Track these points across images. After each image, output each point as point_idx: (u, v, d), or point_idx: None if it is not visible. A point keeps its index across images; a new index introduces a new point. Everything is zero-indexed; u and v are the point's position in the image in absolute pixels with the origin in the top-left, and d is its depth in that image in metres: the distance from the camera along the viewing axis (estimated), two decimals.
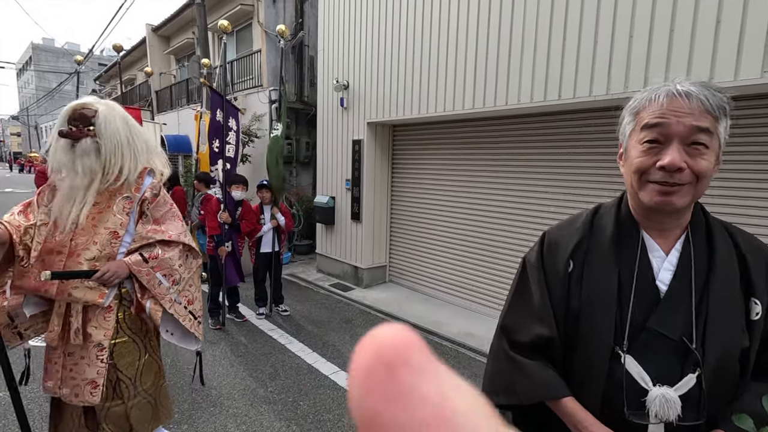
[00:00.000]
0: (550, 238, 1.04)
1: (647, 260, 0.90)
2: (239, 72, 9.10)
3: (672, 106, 0.81)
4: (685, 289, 0.86)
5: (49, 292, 1.65)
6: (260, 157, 7.79)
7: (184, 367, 3.43)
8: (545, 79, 3.62)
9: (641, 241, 0.91)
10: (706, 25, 2.76)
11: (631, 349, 0.87)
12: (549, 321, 0.96)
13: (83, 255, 1.68)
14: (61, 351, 1.73)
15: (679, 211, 0.86)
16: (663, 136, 0.82)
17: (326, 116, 6.28)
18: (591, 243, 0.97)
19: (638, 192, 0.87)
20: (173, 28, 11.92)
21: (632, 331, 0.87)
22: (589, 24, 3.32)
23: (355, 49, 5.63)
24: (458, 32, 4.32)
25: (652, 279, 0.89)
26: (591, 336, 0.91)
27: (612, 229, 0.95)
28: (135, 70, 15.55)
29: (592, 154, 3.82)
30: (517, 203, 4.43)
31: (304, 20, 7.94)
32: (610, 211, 0.99)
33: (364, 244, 5.76)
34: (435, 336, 4.25)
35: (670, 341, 0.85)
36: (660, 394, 0.81)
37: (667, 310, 0.86)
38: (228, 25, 4.22)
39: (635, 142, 0.88)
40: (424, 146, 5.42)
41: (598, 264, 0.94)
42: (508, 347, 1.04)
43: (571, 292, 0.96)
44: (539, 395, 0.96)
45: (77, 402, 1.71)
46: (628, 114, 0.92)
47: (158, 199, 1.86)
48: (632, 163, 0.87)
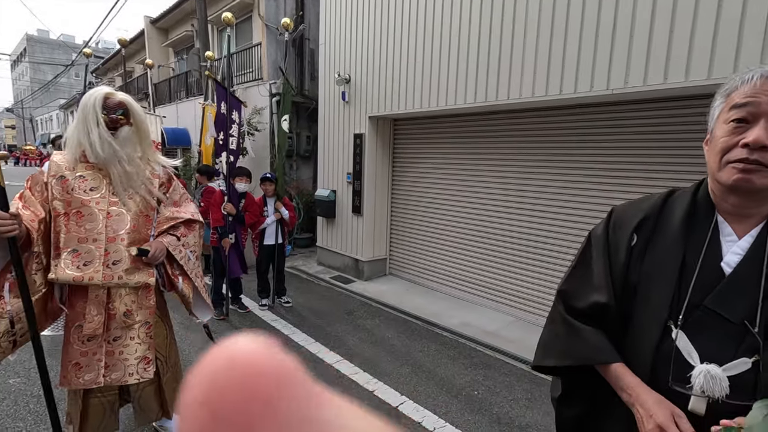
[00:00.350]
0: (618, 213, 1.07)
1: (717, 242, 0.90)
2: (239, 65, 9.09)
3: (765, 86, 0.80)
4: (753, 274, 0.85)
5: (95, 280, 1.68)
6: (261, 149, 7.81)
7: (189, 356, 3.49)
8: (547, 74, 3.67)
9: (714, 224, 0.91)
10: (705, 22, 2.81)
11: (685, 325, 0.88)
12: (608, 289, 0.99)
13: (126, 239, 1.76)
14: (103, 339, 1.78)
15: (759, 193, 0.83)
16: (751, 115, 0.81)
17: (327, 110, 6.31)
18: (660, 220, 0.98)
19: (718, 173, 0.87)
20: (172, 20, 11.85)
21: (689, 309, 0.88)
22: (590, 18, 3.37)
23: (356, 42, 5.65)
24: (460, 26, 4.35)
25: (719, 260, 0.89)
26: (646, 308, 0.93)
27: (685, 209, 0.95)
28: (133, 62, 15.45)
29: (594, 148, 3.88)
30: (516, 197, 4.49)
31: (305, 13, 7.93)
32: (686, 193, 0.99)
33: (364, 237, 5.81)
34: (435, 327, 4.32)
35: (727, 322, 0.85)
36: (705, 369, 0.82)
37: (728, 291, 0.86)
38: (232, 17, 4.22)
39: (722, 123, 0.87)
40: (424, 140, 5.47)
41: (664, 241, 0.95)
42: (564, 311, 1.09)
43: (632, 266, 0.98)
44: (591, 359, 0.99)
45: (133, 381, 1.82)
46: (720, 96, 0.90)
47: (173, 183, 1.99)
48: (717, 144, 0.87)
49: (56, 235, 1.69)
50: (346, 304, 5.00)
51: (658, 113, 3.46)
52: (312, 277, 6.08)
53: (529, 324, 4.31)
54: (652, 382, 0.90)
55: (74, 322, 1.76)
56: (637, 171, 3.60)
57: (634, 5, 3.13)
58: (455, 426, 2.72)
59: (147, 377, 1.88)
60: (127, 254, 1.75)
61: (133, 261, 1.78)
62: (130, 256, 1.77)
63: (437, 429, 2.68)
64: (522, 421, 2.79)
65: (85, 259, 1.69)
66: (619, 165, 3.71)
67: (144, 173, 1.85)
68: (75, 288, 1.75)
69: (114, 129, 1.75)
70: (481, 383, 3.25)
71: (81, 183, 1.73)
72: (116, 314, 1.78)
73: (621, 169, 3.70)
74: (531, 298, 4.40)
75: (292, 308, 4.75)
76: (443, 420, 2.77)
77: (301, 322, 4.36)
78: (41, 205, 1.70)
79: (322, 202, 6.31)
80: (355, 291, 5.41)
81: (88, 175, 1.75)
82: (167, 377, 2.03)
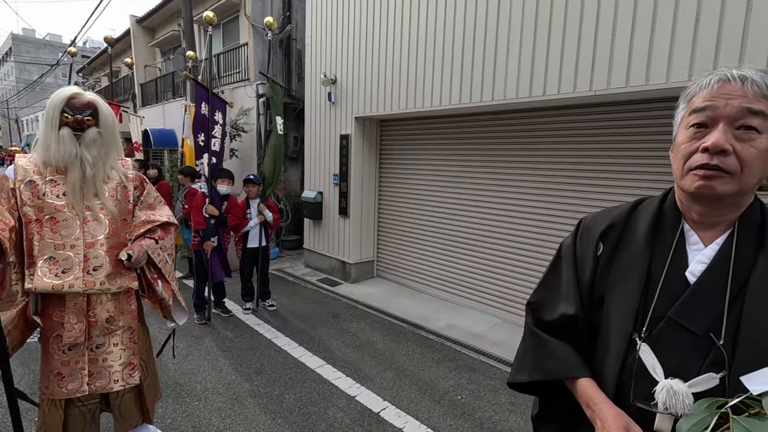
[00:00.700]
0: (585, 223, 1.04)
1: (683, 251, 0.87)
2: (226, 65, 8.99)
3: (723, 90, 0.78)
4: (717, 283, 0.81)
5: (75, 287, 1.63)
6: (249, 151, 7.73)
7: (168, 362, 3.41)
8: (530, 76, 3.65)
9: (681, 232, 0.88)
10: (685, 21, 2.81)
11: (649, 338, 0.84)
12: (575, 301, 0.96)
13: (106, 244, 1.71)
14: (85, 347, 1.73)
15: (722, 200, 0.81)
16: (710, 119, 0.79)
17: (314, 111, 6.25)
18: (626, 229, 0.95)
19: (680, 180, 0.85)
20: (158, 20, 11.70)
21: (653, 320, 0.85)
22: (573, 21, 3.36)
23: (343, 43, 5.60)
24: (445, 27, 4.33)
25: (684, 270, 0.85)
26: (611, 320, 0.90)
27: (652, 218, 0.93)
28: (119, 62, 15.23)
29: (579, 150, 3.87)
30: (502, 199, 4.47)
31: (292, 14, 7.87)
32: (653, 201, 0.97)
33: (351, 239, 5.76)
34: (421, 330, 4.28)
35: (691, 335, 0.81)
36: (668, 385, 0.77)
37: (692, 302, 0.82)
38: (213, 16, 4.16)
39: (683, 128, 0.85)
40: (411, 141, 5.43)
41: (630, 250, 0.92)
42: (533, 323, 1.07)
43: (599, 276, 0.95)
44: (558, 373, 0.95)
45: (118, 387, 1.80)
46: (682, 102, 0.88)
47: (147, 186, 1.97)
48: (679, 150, 0.85)
49: (29, 242, 1.62)
50: (331, 306, 4.94)
51: (641, 114, 3.46)
52: (298, 279, 6.01)
53: (515, 326, 4.29)
54: (617, 398, 0.86)
55: (52, 332, 1.71)
56: (622, 173, 3.60)
57: (615, 7, 3.12)
58: None
59: (133, 383, 1.86)
60: (107, 259, 1.71)
61: (115, 266, 1.74)
62: (111, 261, 1.72)
63: None
64: (504, 426, 2.75)
65: (64, 267, 1.63)
66: (604, 167, 3.70)
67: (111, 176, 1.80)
68: (51, 297, 1.69)
69: (80, 130, 1.69)
70: (465, 387, 3.21)
71: (53, 188, 1.67)
72: (98, 321, 1.74)
73: (606, 170, 3.69)
74: (517, 300, 4.38)
75: (277, 312, 4.68)
76: (425, 426, 2.73)
77: (284, 325, 4.30)
78: (9, 212, 1.62)
79: (309, 204, 6.25)
80: (341, 293, 5.35)
81: (59, 180, 1.69)
82: (147, 383, 2.00)
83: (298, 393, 3.06)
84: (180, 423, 2.67)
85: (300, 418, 2.77)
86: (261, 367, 3.43)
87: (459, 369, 3.50)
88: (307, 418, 2.76)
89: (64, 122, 1.66)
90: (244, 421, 2.71)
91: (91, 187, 1.71)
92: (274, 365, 3.46)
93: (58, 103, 1.66)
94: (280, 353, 3.69)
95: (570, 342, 0.98)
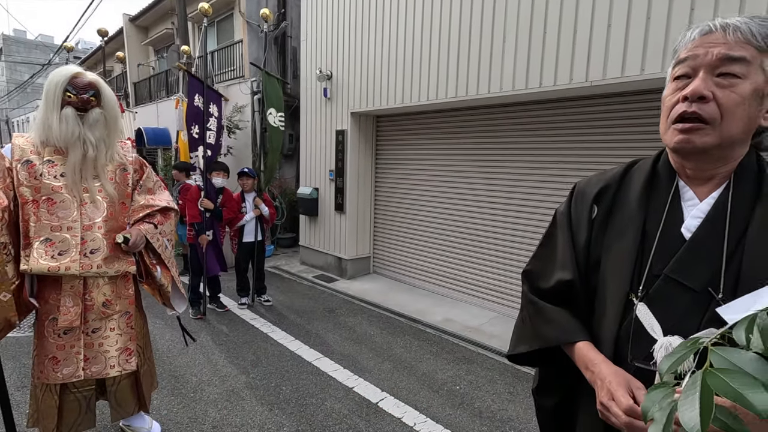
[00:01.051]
0: (580, 187, 1.03)
1: (678, 208, 0.85)
2: (220, 63, 8.95)
3: (706, 40, 0.77)
4: (714, 238, 0.79)
5: (71, 270, 1.60)
6: (243, 148, 7.69)
7: (162, 355, 3.37)
8: (527, 67, 3.66)
9: (675, 189, 0.87)
10: (680, 13, 2.83)
11: (647, 297, 0.82)
12: (572, 266, 0.95)
13: (104, 227, 1.69)
14: (81, 331, 1.71)
15: (706, 153, 0.79)
16: (692, 68, 0.77)
17: (309, 107, 6.23)
18: (620, 190, 0.94)
19: (663, 135, 0.83)
20: (151, 18, 11.63)
21: (649, 279, 0.83)
22: (569, 12, 3.37)
23: (338, 39, 5.60)
24: (441, 20, 4.33)
25: (679, 226, 0.84)
26: (608, 282, 0.89)
27: (645, 177, 0.91)
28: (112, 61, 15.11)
29: (576, 143, 3.88)
30: (499, 193, 4.47)
31: (287, 11, 7.85)
32: (647, 161, 0.95)
33: (348, 236, 5.74)
34: (418, 324, 4.26)
35: (689, 291, 0.79)
36: (667, 342, 0.76)
37: (689, 258, 0.80)
38: (209, 7, 4.13)
39: (667, 83, 0.83)
40: (407, 137, 5.43)
41: (624, 210, 0.91)
42: (529, 291, 1.05)
43: (595, 239, 0.94)
44: (557, 338, 0.94)
45: (114, 373, 1.78)
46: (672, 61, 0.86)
47: (147, 170, 1.94)
48: (664, 103, 0.83)
49: (25, 223, 1.59)
50: (328, 302, 4.91)
51: (637, 105, 3.48)
52: (294, 276, 5.98)
53: (511, 319, 4.28)
54: (617, 360, 0.84)
55: (48, 315, 1.68)
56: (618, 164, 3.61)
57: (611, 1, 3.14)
58: (436, 421, 2.66)
59: (129, 369, 1.83)
60: (105, 242, 1.68)
61: (112, 249, 1.71)
62: (109, 245, 1.70)
63: (418, 424, 2.62)
64: (504, 415, 2.74)
65: (60, 249, 1.60)
66: (600, 158, 3.72)
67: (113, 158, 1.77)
68: (47, 279, 1.66)
69: (84, 110, 1.67)
70: (463, 378, 3.20)
71: (50, 168, 1.64)
72: (94, 305, 1.71)
73: (602, 162, 3.70)
74: (513, 293, 4.38)
75: (273, 307, 4.64)
76: (424, 415, 2.71)
77: (280, 320, 4.26)
78: (4, 192, 1.59)
79: (305, 200, 6.22)
80: (337, 289, 5.32)
81: (58, 160, 1.66)
82: (144, 370, 1.97)
83: (295, 385, 3.03)
84: (176, 414, 2.63)
85: (297, 409, 2.74)
86: (257, 360, 3.39)
87: (457, 361, 3.49)
88: (304, 409, 2.73)
89: (67, 101, 1.63)
90: (241, 411, 2.68)
91: (91, 168, 1.69)
92: (270, 358, 3.43)
93: (60, 81, 1.62)
94: (276, 347, 3.65)
95: (568, 308, 0.96)
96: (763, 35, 0.73)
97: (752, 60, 0.73)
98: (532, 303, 1.03)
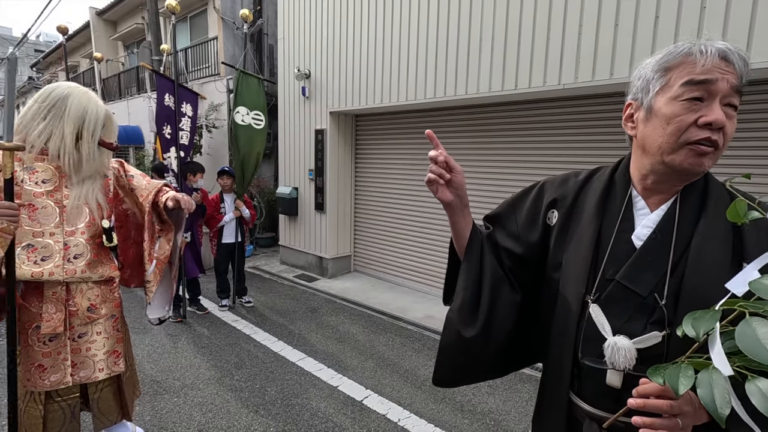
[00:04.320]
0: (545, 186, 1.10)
1: (630, 217, 0.91)
2: (194, 60, 8.76)
3: (722, 65, 0.77)
4: (662, 247, 0.85)
5: (55, 275, 1.60)
6: (220, 147, 7.58)
7: (143, 360, 3.32)
8: (503, 69, 3.76)
9: (629, 198, 0.92)
10: (646, 20, 2.98)
11: (599, 299, 0.89)
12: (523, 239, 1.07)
13: (87, 232, 1.69)
14: (67, 338, 1.69)
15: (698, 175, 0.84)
16: (708, 93, 0.77)
17: (288, 106, 6.20)
18: (580, 197, 1.00)
19: (670, 154, 0.81)
20: (120, 12, 11.26)
21: (602, 283, 0.89)
22: (542, 16, 3.49)
23: (316, 37, 5.58)
24: (419, 21, 4.39)
25: (630, 234, 0.90)
26: (567, 284, 0.95)
27: (603, 185, 0.97)
28: (78, 56, 14.54)
29: (552, 141, 4.02)
30: (476, 191, 4.58)
31: (263, 7, 7.76)
32: (605, 171, 1.01)
33: (328, 235, 5.75)
34: (400, 321, 4.33)
35: (637, 296, 0.85)
36: (613, 341, 0.83)
37: (637, 265, 0.87)
38: (176, 5, 4.03)
39: (669, 98, 0.81)
40: (386, 136, 5.48)
41: (583, 217, 0.97)
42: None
43: (556, 242, 1.00)
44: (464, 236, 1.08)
45: (103, 376, 1.77)
46: (653, 71, 0.85)
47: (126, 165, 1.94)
48: (670, 122, 0.80)
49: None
50: (310, 302, 4.93)
51: (608, 108, 3.64)
52: (275, 276, 5.95)
53: None
54: (575, 357, 0.92)
55: (31, 324, 1.65)
56: (593, 164, 3.77)
57: (581, 5, 3.26)
58: (419, 416, 2.74)
59: (118, 370, 1.83)
60: (88, 247, 1.68)
61: (96, 254, 1.71)
62: (93, 249, 1.70)
63: (402, 420, 2.69)
64: (484, 408, 2.85)
65: (43, 254, 1.60)
66: (575, 158, 3.87)
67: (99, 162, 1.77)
68: (28, 286, 1.64)
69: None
70: None
71: (31, 175, 1.63)
72: (78, 310, 1.70)
73: (577, 161, 3.86)
74: None
75: (254, 308, 4.63)
76: (408, 411, 2.79)
77: (263, 321, 4.26)
78: None
79: (284, 200, 6.19)
80: (319, 289, 5.34)
81: (39, 167, 1.65)
82: (127, 377, 1.95)
83: (280, 386, 3.05)
84: (159, 419, 2.61)
85: (283, 409, 2.76)
86: (240, 362, 3.39)
87: None
88: (290, 410, 2.76)
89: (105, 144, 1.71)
90: (227, 414, 2.69)
91: (75, 174, 1.68)
92: (253, 360, 3.43)
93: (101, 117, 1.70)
94: (260, 348, 3.66)
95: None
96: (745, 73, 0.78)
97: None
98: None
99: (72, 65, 14.90)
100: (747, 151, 3.07)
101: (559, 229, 1.00)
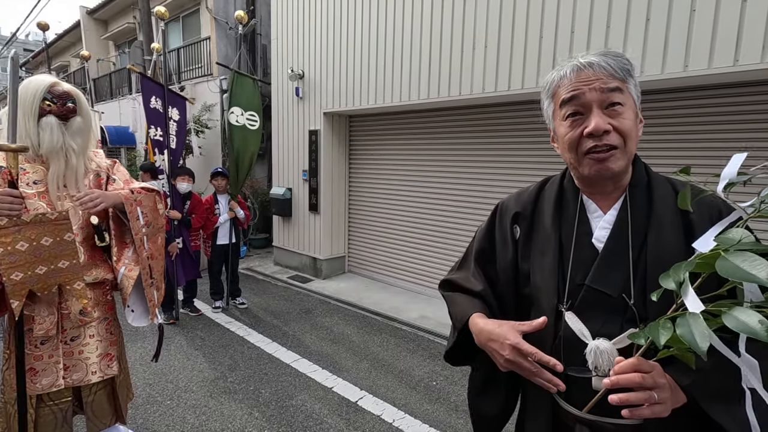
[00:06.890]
0: (502, 207, 1.12)
1: (586, 220, 0.94)
2: (187, 60, 8.71)
3: (580, 77, 0.85)
4: (622, 246, 0.87)
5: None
6: (213, 147, 7.54)
7: (135, 363, 3.30)
8: (496, 71, 3.79)
9: (581, 204, 0.95)
10: (637, 22, 3.01)
11: (573, 306, 0.89)
12: (481, 279, 1.07)
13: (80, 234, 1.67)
14: (59, 341, 1.67)
15: (617, 175, 0.88)
16: (581, 106, 0.86)
17: (281, 106, 6.18)
18: (537, 209, 1.03)
19: (578, 167, 0.90)
20: (111, 11, 11.16)
21: (573, 289, 0.90)
22: (534, 20, 3.51)
23: (310, 37, 5.57)
24: (413, 22, 4.40)
25: (590, 237, 0.92)
26: (540, 296, 0.95)
27: (555, 196, 1.00)
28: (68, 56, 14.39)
29: (543, 143, 4.05)
30: (469, 191, 4.60)
31: (256, 7, 7.73)
32: (556, 180, 1.04)
33: (322, 236, 5.74)
34: (394, 321, 4.34)
35: (609, 298, 0.86)
36: (595, 345, 0.83)
37: (603, 267, 0.88)
38: (165, 11, 4.02)
39: (560, 121, 0.91)
40: (380, 137, 5.48)
41: (542, 228, 0.99)
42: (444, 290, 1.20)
43: (522, 255, 1.01)
44: (462, 319, 1.03)
45: (96, 379, 1.75)
46: (545, 98, 0.96)
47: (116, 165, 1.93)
48: (564, 141, 0.90)
49: None
50: (304, 303, 4.92)
51: None
52: (268, 277, 5.93)
53: None
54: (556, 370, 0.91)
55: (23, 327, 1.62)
56: None
57: (573, 8, 3.29)
58: (414, 416, 2.74)
59: (111, 373, 1.80)
60: (82, 249, 1.67)
61: (90, 256, 1.70)
62: (86, 252, 1.68)
63: (396, 420, 2.69)
64: None
65: None
66: None
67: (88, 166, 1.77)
68: None
69: (66, 119, 1.65)
70: (440, 374, 3.30)
71: (22, 176, 1.61)
72: (70, 313, 1.68)
73: None
74: None
75: (248, 309, 4.61)
76: (402, 411, 2.79)
77: (256, 322, 4.24)
78: None
79: (278, 201, 6.17)
80: (313, 290, 5.33)
81: (30, 168, 1.63)
82: (120, 380, 1.93)
83: (274, 387, 3.04)
84: (153, 422, 2.59)
85: (277, 411, 2.75)
86: (234, 363, 3.38)
87: (433, 357, 3.58)
88: (284, 411, 2.75)
89: (47, 110, 1.61)
90: (221, 416, 2.67)
91: (71, 176, 1.67)
92: (247, 361, 3.42)
93: (38, 90, 1.60)
94: (254, 349, 3.64)
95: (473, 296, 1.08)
96: (619, 68, 0.85)
97: (622, 87, 0.85)
98: (446, 297, 1.16)
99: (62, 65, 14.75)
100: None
101: (523, 240, 1.03)
